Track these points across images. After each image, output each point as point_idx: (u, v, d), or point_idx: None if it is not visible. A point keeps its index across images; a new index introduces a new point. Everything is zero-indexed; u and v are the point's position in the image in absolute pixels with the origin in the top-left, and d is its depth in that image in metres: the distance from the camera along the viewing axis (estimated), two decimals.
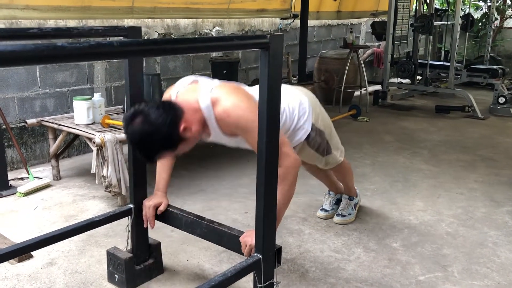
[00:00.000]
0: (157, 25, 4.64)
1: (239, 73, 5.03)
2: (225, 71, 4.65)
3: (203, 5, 5.02)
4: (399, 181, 3.57)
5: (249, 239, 1.83)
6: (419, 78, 6.77)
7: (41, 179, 3.43)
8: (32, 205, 3.06)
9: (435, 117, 5.75)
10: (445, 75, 6.59)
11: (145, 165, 2.14)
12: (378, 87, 6.62)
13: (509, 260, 2.45)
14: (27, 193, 3.21)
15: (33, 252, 2.35)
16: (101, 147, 2.88)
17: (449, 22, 6.55)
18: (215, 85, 1.94)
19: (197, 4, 4.92)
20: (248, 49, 1.58)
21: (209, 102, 1.87)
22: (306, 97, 2.36)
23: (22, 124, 3.71)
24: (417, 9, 6.65)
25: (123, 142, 2.86)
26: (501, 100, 5.93)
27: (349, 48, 5.89)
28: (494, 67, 6.48)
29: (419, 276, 2.29)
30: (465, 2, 8.54)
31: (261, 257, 1.71)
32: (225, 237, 1.95)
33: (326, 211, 2.92)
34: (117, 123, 3.20)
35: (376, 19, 7.34)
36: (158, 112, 1.73)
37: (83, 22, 4.02)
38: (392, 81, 6.69)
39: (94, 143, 2.87)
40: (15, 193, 3.21)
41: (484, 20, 9.05)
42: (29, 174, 3.41)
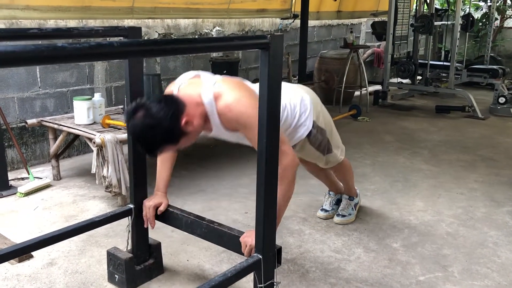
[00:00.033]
0: (157, 25, 4.64)
1: (239, 73, 5.04)
2: (225, 71, 4.64)
3: (203, 5, 5.03)
4: (399, 181, 3.57)
5: (249, 239, 1.83)
6: (419, 78, 6.77)
7: (41, 179, 3.44)
8: (32, 205, 3.06)
9: (435, 117, 5.75)
10: (445, 75, 6.59)
11: (145, 165, 2.14)
12: (378, 87, 6.62)
13: (509, 260, 2.45)
14: (27, 193, 3.21)
15: (33, 252, 2.35)
16: (101, 147, 2.89)
17: (449, 22, 6.55)
18: (218, 79, 1.93)
19: (197, 4, 4.92)
20: (248, 50, 1.58)
21: (211, 96, 1.86)
22: (307, 94, 2.35)
23: (22, 124, 3.71)
24: (417, 9, 6.65)
25: (123, 142, 2.86)
26: (501, 100, 5.93)
27: (349, 48, 5.89)
28: (494, 67, 6.48)
29: (419, 276, 2.29)
30: (465, 2, 8.54)
31: (261, 257, 1.71)
32: (225, 237, 1.95)
33: (326, 211, 2.92)
34: (117, 123, 3.20)
35: (376, 19, 7.34)
36: (159, 106, 1.72)
37: (83, 22, 4.02)
38: (392, 81, 6.69)
39: (94, 143, 2.88)
40: (16, 193, 3.21)
41: (484, 20, 9.05)
42: (29, 174, 3.41)
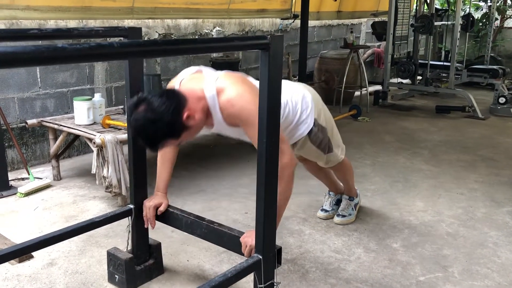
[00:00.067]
0: (157, 25, 4.64)
1: None
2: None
3: (204, 6, 5.02)
4: (399, 182, 3.57)
5: (249, 240, 1.83)
6: (419, 78, 6.77)
7: (41, 179, 3.44)
8: (32, 206, 3.06)
9: (435, 117, 5.75)
10: (445, 75, 6.59)
11: (145, 166, 2.14)
12: (378, 87, 6.62)
13: (509, 260, 2.45)
14: (28, 194, 3.21)
15: (33, 252, 2.35)
16: (101, 148, 2.89)
17: (450, 22, 6.55)
18: (221, 74, 1.93)
19: (197, 4, 4.92)
20: (248, 50, 1.58)
21: (214, 91, 1.86)
22: (309, 92, 2.36)
23: (22, 124, 3.71)
24: (418, 9, 6.65)
25: (124, 142, 2.86)
26: (502, 100, 5.92)
27: (349, 48, 5.89)
28: (494, 67, 6.48)
29: (420, 276, 2.29)
30: (466, 2, 8.55)
31: (261, 257, 1.71)
32: (225, 237, 1.95)
33: (326, 211, 2.92)
34: (117, 124, 3.20)
35: (376, 19, 7.34)
36: (161, 100, 1.72)
37: (84, 22, 4.02)
38: (392, 81, 6.69)
39: (94, 143, 2.88)
40: (16, 194, 3.21)
41: (484, 20, 9.05)
42: (29, 174, 3.41)
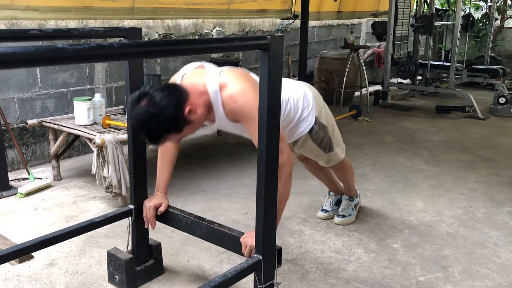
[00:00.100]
0: (157, 25, 4.65)
1: None
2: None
3: (204, 6, 5.02)
4: (399, 182, 3.57)
5: (249, 240, 1.83)
6: (419, 78, 6.77)
7: (41, 179, 3.44)
8: (32, 206, 3.06)
9: (435, 117, 5.75)
10: (445, 75, 6.59)
11: (145, 166, 2.14)
12: (378, 87, 6.62)
13: (509, 260, 2.45)
14: (28, 194, 3.22)
15: (33, 253, 2.35)
16: (101, 148, 2.89)
17: (450, 22, 6.56)
18: (224, 69, 1.94)
19: (197, 4, 4.92)
20: (248, 50, 1.58)
21: (217, 86, 1.86)
22: (310, 90, 2.36)
23: (22, 124, 3.71)
24: (418, 9, 6.65)
25: (124, 142, 2.86)
26: (502, 100, 5.92)
27: (349, 48, 5.89)
28: (494, 67, 6.48)
29: (420, 276, 2.29)
30: (466, 2, 8.55)
31: (261, 258, 1.71)
32: (226, 238, 1.96)
33: (326, 211, 2.92)
34: (117, 124, 3.20)
35: (376, 19, 7.34)
36: (163, 94, 1.72)
37: (84, 22, 4.02)
38: (392, 81, 6.69)
39: (94, 143, 2.88)
40: (16, 194, 3.21)
41: (484, 20, 9.06)
42: (29, 174, 3.41)
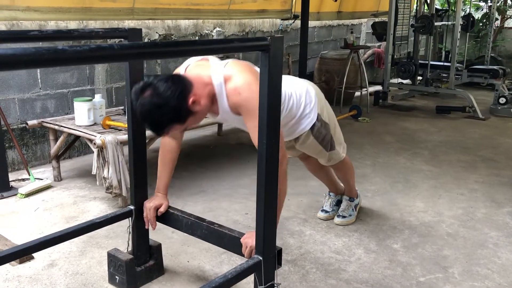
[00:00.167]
0: (157, 26, 4.65)
1: None
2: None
3: (204, 6, 5.02)
4: (399, 182, 3.57)
5: (249, 241, 1.83)
6: (419, 78, 6.77)
7: (42, 180, 3.44)
8: (33, 206, 3.06)
9: (435, 118, 5.75)
10: (445, 75, 6.59)
11: (145, 167, 2.15)
12: (378, 88, 6.62)
13: (509, 261, 2.45)
14: (28, 194, 3.22)
15: (34, 253, 2.35)
16: (101, 149, 2.89)
17: (450, 22, 6.56)
18: (229, 61, 1.94)
19: (197, 5, 4.92)
20: (248, 51, 1.58)
21: (222, 78, 1.87)
22: (312, 88, 2.37)
23: (23, 125, 3.71)
24: (418, 9, 6.65)
25: (124, 143, 2.87)
26: (502, 100, 5.92)
27: (349, 48, 5.89)
28: (494, 67, 6.47)
29: (420, 277, 2.29)
30: (466, 2, 8.55)
31: (261, 258, 1.71)
32: (226, 238, 1.96)
33: (326, 212, 2.92)
34: (117, 124, 3.20)
35: (376, 20, 7.34)
36: (167, 84, 1.72)
37: (84, 23, 4.03)
38: (392, 81, 6.69)
39: (95, 144, 2.88)
40: (16, 194, 3.22)
41: (484, 20, 9.06)
42: (30, 175, 3.41)
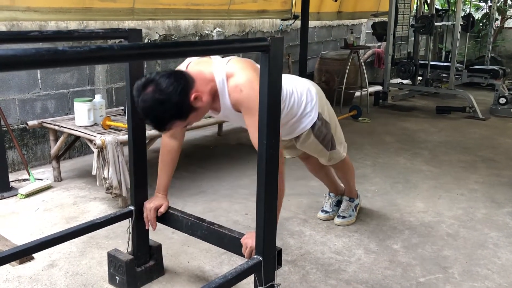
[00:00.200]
0: (158, 26, 4.65)
1: None
2: None
3: (204, 6, 5.03)
4: (399, 182, 3.57)
5: (249, 241, 1.83)
6: (419, 78, 6.77)
7: (42, 180, 3.44)
8: (33, 207, 3.06)
9: (435, 118, 5.75)
10: (445, 75, 6.59)
11: (145, 167, 2.15)
12: (378, 88, 6.62)
13: (509, 261, 2.45)
14: (28, 195, 3.22)
15: (34, 254, 2.35)
16: (102, 149, 2.89)
17: (450, 22, 6.56)
18: (231, 58, 1.95)
19: (197, 5, 4.92)
20: (248, 52, 1.59)
21: (224, 75, 1.88)
22: (313, 86, 2.38)
23: (23, 125, 3.71)
24: (418, 9, 6.65)
25: (124, 143, 2.87)
26: (502, 100, 5.92)
27: (349, 48, 5.90)
28: (495, 67, 6.47)
29: (420, 277, 2.29)
30: (466, 2, 8.55)
31: (261, 259, 1.71)
32: (226, 239, 1.96)
33: (326, 212, 2.92)
34: (118, 125, 3.20)
35: (376, 20, 7.34)
36: (169, 80, 1.72)
37: (84, 23, 4.03)
38: (392, 81, 6.69)
39: (95, 144, 2.88)
40: (16, 195, 3.22)
41: (484, 20, 9.06)
42: (30, 175, 3.41)
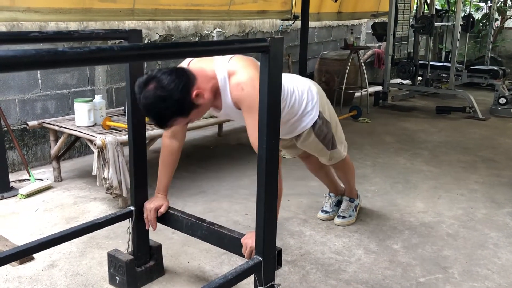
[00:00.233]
0: (158, 27, 4.65)
1: None
2: None
3: (204, 7, 5.03)
4: (399, 182, 3.57)
5: (249, 241, 1.83)
6: (419, 79, 6.77)
7: (42, 180, 3.44)
8: (33, 207, 3.07)
9: (435, 118, 5.75)
10: (445, 75, 6.59)
11: (146, 167, 2.15)
12: (378, 88, 6.62)
13: (509, 261, 2.45)
14: (28, 195, 3.22)
15: (34, 254, 2.35)
16: (102, 149, 2.89)
17: (450, 23, 6.56)
18: (233, 56, 1.94)
19: (197, 5, 4.92)
20: (248, 52, 1.59)
21: (226, 73, 1.88)
22: (314, 86, 2.39)
23: (23, 126, 3.72)
24: (418, 10, 6.65)
25: (124, 144, 2.87)
26: (502, 100, 5.92)
27: (349, 49, 5.90)
28: (494, 67, 6.47)
29: (420, 277, 2.30)
30: (466, 2, 8.55)
31: (261, 259, 1.72)
32: (226, 239, 1.96)
33: (326, 212, 2.92)
34: (118, 125, 3.20)
35: (376, 20, 7.35)
36: (170, 77, 1.73)
37: (84, 24, 4.03)
38: (392, 82, 6.69)
39: (95, 145, 2.88)
40: (17, 195, 3.22)
41: (484, 20, 9.06)
42: (30, 175, 3.41)
